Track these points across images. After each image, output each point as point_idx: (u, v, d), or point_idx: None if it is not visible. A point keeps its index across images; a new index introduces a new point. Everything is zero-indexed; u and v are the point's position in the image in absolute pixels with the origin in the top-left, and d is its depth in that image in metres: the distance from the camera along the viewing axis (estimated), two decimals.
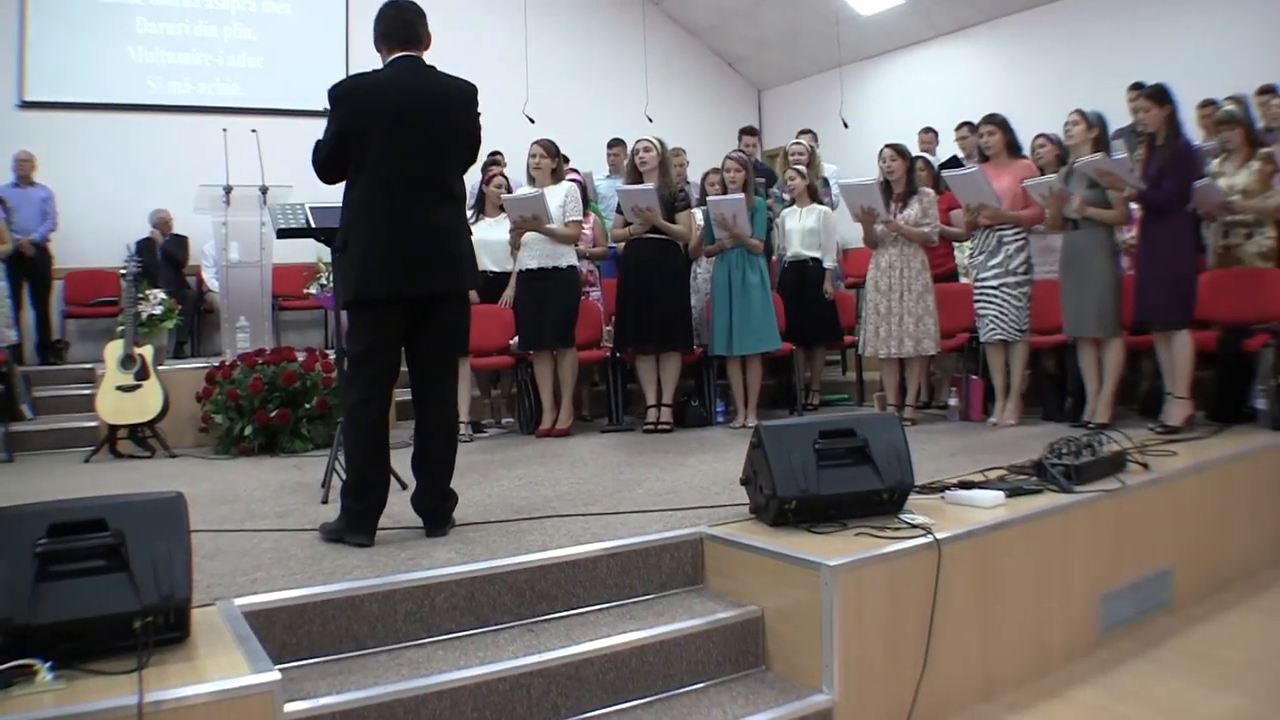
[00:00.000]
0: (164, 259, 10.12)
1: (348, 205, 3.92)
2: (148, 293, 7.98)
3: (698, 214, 7.37)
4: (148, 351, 6.98)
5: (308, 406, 6.91)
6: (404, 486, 4.38)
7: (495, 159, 8.96)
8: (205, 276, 10.26)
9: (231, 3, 11.35)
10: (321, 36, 11.53)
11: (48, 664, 2.37)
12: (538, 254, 6.89)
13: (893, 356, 6.86)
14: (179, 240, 10.33)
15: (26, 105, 10.21)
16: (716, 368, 7.55)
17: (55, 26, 10.32)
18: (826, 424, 3.86)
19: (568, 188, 7.01)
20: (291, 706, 2.66)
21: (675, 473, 5.26)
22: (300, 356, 7.19)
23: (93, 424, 7.08)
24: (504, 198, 7.12)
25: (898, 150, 6.92)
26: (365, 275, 3.82)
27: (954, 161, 8.62)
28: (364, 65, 4.13)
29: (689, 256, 7.31)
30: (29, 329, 9.57)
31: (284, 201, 5.46)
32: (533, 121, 10.63)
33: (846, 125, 11.73)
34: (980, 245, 6.72)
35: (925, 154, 9.12)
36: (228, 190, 7.98)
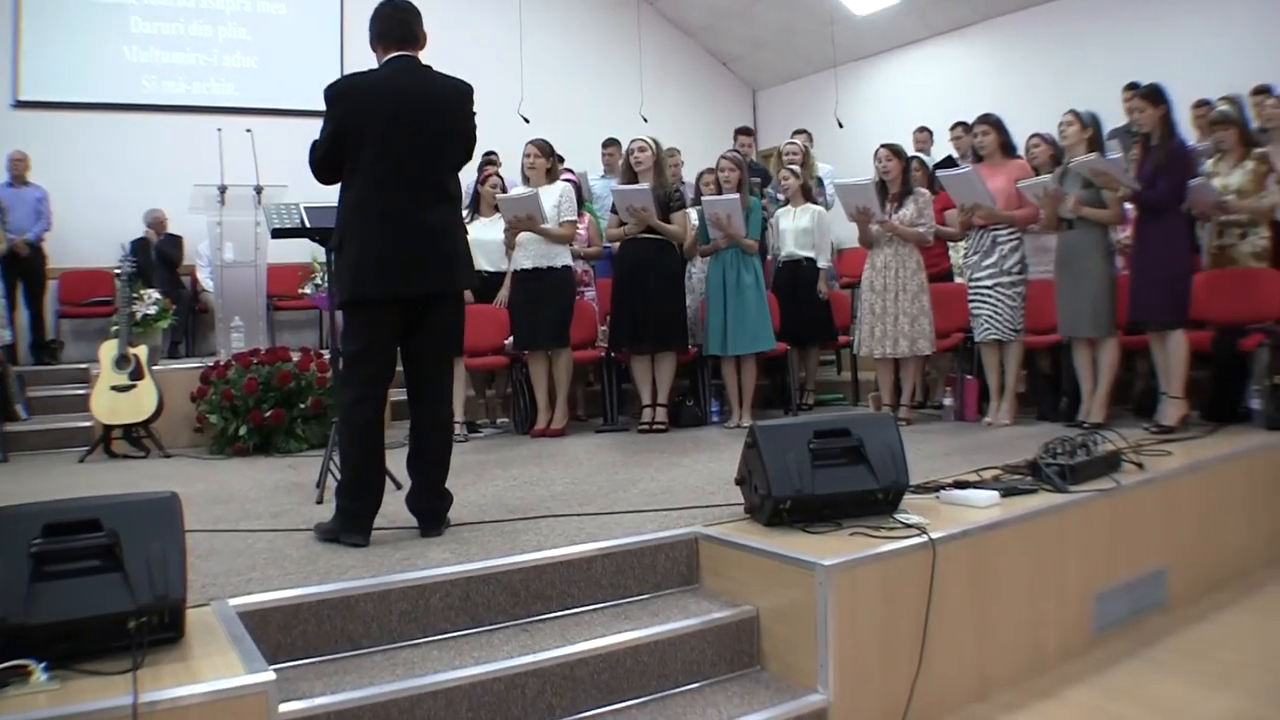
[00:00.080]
0: (158, 259, 10.11)
1: (343, 205, 3.91)
2: (142, 292, 7.97)
3: (693, 214, 7.37)
4: (142, 351, 6.97)
5: (302, 406, 6.90)
6: (399, 486, 4.38)
7: (490, 159, 8.96)
8: (200, 276, 10.26)
9: (226, 2, 11.34)
10: (316, 36, 11.52)
11: (42, 664, 2.37)
12: (533, 254, 6.89)
13: (888, 356, 6.86)
14: (173, 240, 10.32)
15: (21, 105, 10.20)
16: (711, 367, 7.55)
17: (50, 26, 10.30)
18: (821, 424, 3.86)
19: (562, 188, 7.01)
20: (286, 707, 2.66)
21: (670, 473, 5.26)
22: (295, 356, 7.17)
23: (87, 424, 7.07)
24: (499, 198, 7.12)
25: (893, 150, 6.93)
26: (361, 275, 3.82)
27: (949, 161, 8.63)
28: (359, 65, 4.12)
29: (684, 256, 7.31)
30: (23, 329, 9.57)
31: (279, 201, 5.46)
32: (527, 121, 10.62)
33: (841, 125, 11.73)
34: (975, 245, 6.72)
35: (920, 154, 9.12)
36: (222, 190, 7.96)
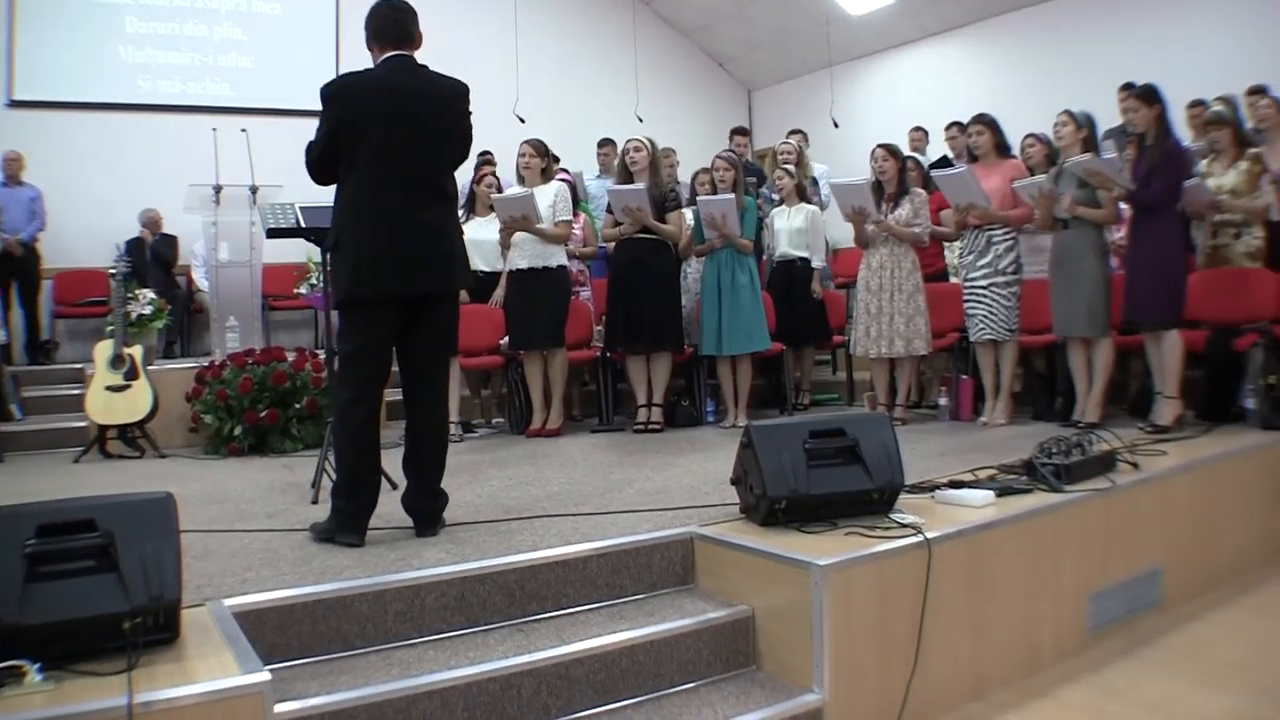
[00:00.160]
0: (153, 259, 10.09)
1: (340, 205, 3.90)
2: (137, 292, 7.95)
3: (688, 214, 7.36)
4: (137, 351, 6.96)
5: (298, 406, 6.91)
6: (394, 486, 4.37)
7: (486, 158, 8.95)
8: (195, 276, 10.24)
9: (221, 2, 11.32)
10: (312, 36, 11.51)
11: (37, 665, 2.37)
12: (528, 254, 6.88)
13: (883, 356, 6.86)
14: (168, 240, 10.31)
15: (15, 104, 10.18)
16: (707, 367, 7.56)
17: (45, 25, 10.29)
18: (817, 424, 3.86)
19: (557, 187, 7.01)
20: (281, 707, 2.65)
21: (665, 473, 5.26)
22: (290, 356, 7.17)
23: (82, 424, 7.07)
24: (494, 198, 7.12)
25: (890, 150, 6.93)
26: (358, 275, 3.81)
27: (944, 161, 8.63)
28: (354, 64, 4.12)
29: (679, 256, 7.31)
30: (18, 329, 9.56)
31: (274, 201, 5.46)
32: (523, 121, 10.62)
33: (837, 125, 11.72)
34: (969, 245, 6.73)
35: (915, 154, 9.13)
36: (217, 190, 7.95)
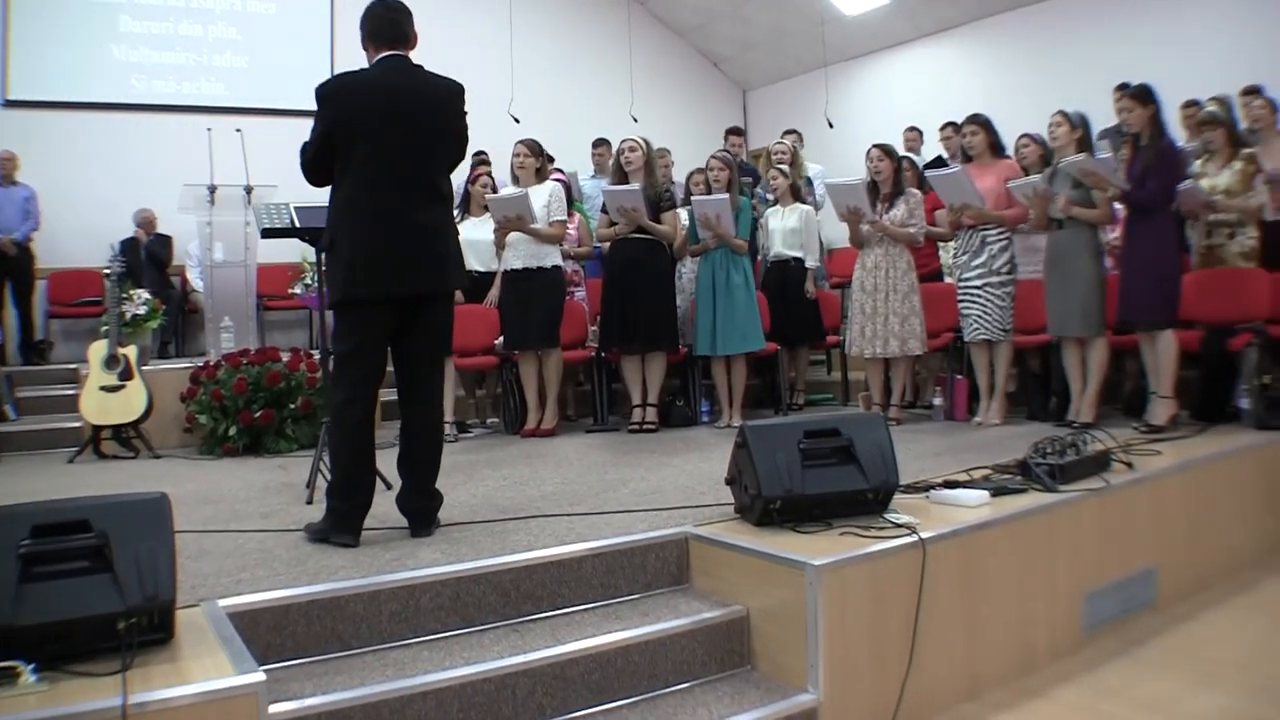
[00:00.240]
0: (148, 259, 10.08)
1: (335, 205, 3.90)
2: (132, 292, 7.95)
3: (683, 214, 7.37)
4: (132, 352, 6.95)
5: (292, 407, 6.89)
6: (389, 487, 4.37)
7: (481, 158, 8.95)
8: (189, 276, 10.22)
9: (216, 2, 11.30)
10: (306, 36, 11.50)
11: (31, 666, 2.36)
12: (522, 254, 6.88)
13: (878, 356, 6.86)
14: (163, 240, 10.29)
15: (9, 104, 10.14)
16: (701, 367, 7.55)
17: (39, 25, 10.27)
18: (811, 424, 3.86)
19: (552, 187, 7.00)
20: (276, 707, 2.65)
21: (660, 473, 5.26)
22: (285, 357, 7.16)
23: (77, 424, 7.05)
24: (488, 198, 7.11)
25: (885, 150, 6.93)
26: (354, 275, 3.81)
27: (939, 161, 8.64)
28: (349, 64, 4.12)
29: (674, 256, 7.31)
30: (12, 329, 9.55)
31: (268, 201, 5.45)
32: (518, 121, 10.62)
33: (832, 125, 11.75)
34: (964, 245, 6.73)
35: (910, 154, 9.14)
36: (212, 190, 7.94)
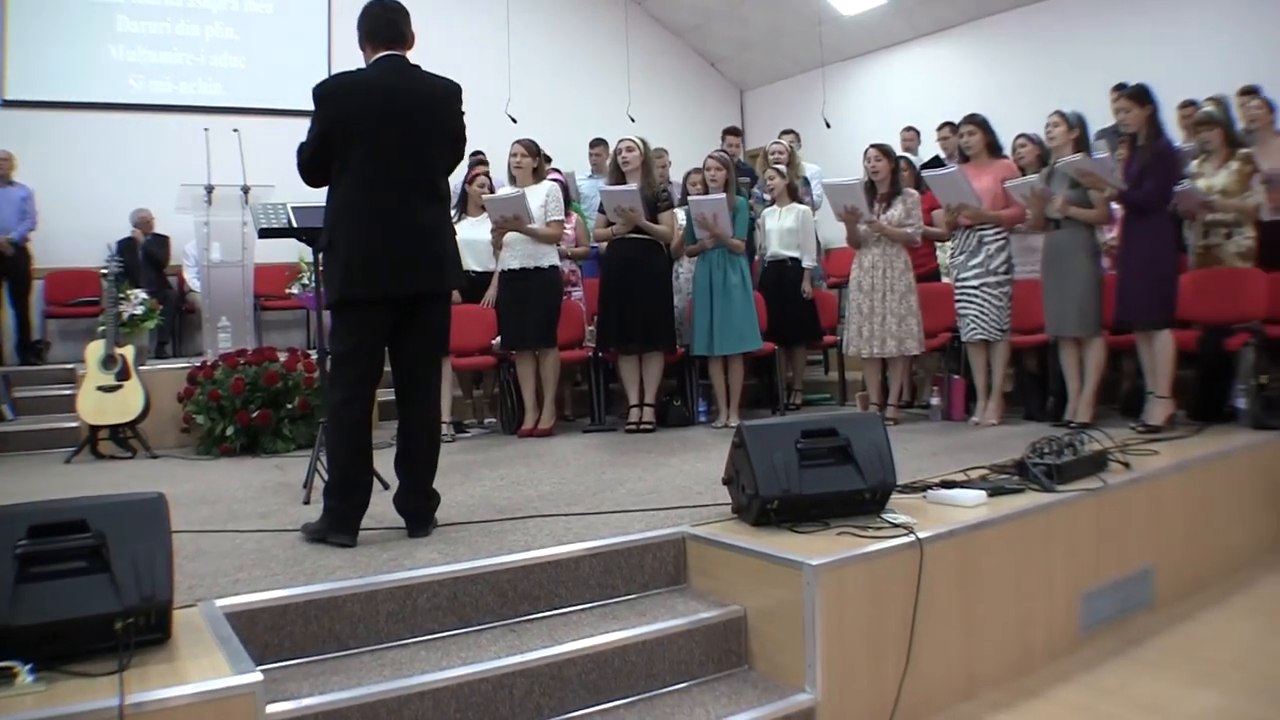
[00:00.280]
0: (145, 259, 10.07)
1: (332, 205, 3.89)
2: (129, 292, 7.94)
3: (680, 214, 7.37)
4: (129, 352, 6.94)
5: (290, 407, 6.89)
6: (386, 487, 4.37)
7: (479, 158, 8.94)
8: (187, 276, 10.21)
9: (213, 2, 11.30)
10: (304, 36, 11.49)
11: (28, 666, 2.36)
12: (519, 254, 6.88)
13: (876, 356, 6.87)
14: (160, 240, 10.29)
15: (7, 104, 10.13)
16: (699, 367, 7.55)
17: (36, 25, 10.26)
18: (809, 424, 3.86)
19: (549, 187, 7.00)
20: (274, 708, 2.65)
21: (657, 473, 5.26)
22: (282, 357, 7.15)
23: (74, 425, 7.03)
24: (485, 198, 7.10)
25: (883, 150, 6.93)
26: (352, 275, 3.80)
27: (936, 161, 8.64)
28: (346, 64, 4.12)
29: (671, 256, 7.31)
30: (9, 329, 9.56)
31: (266, 201, 5.44)
32: (515, 121, 10.61)
33: (829, 125, 11.75)
34: (961, 245, 6.74)
35: (907, 154, 9.15)
36: (209, 190, 7.92)
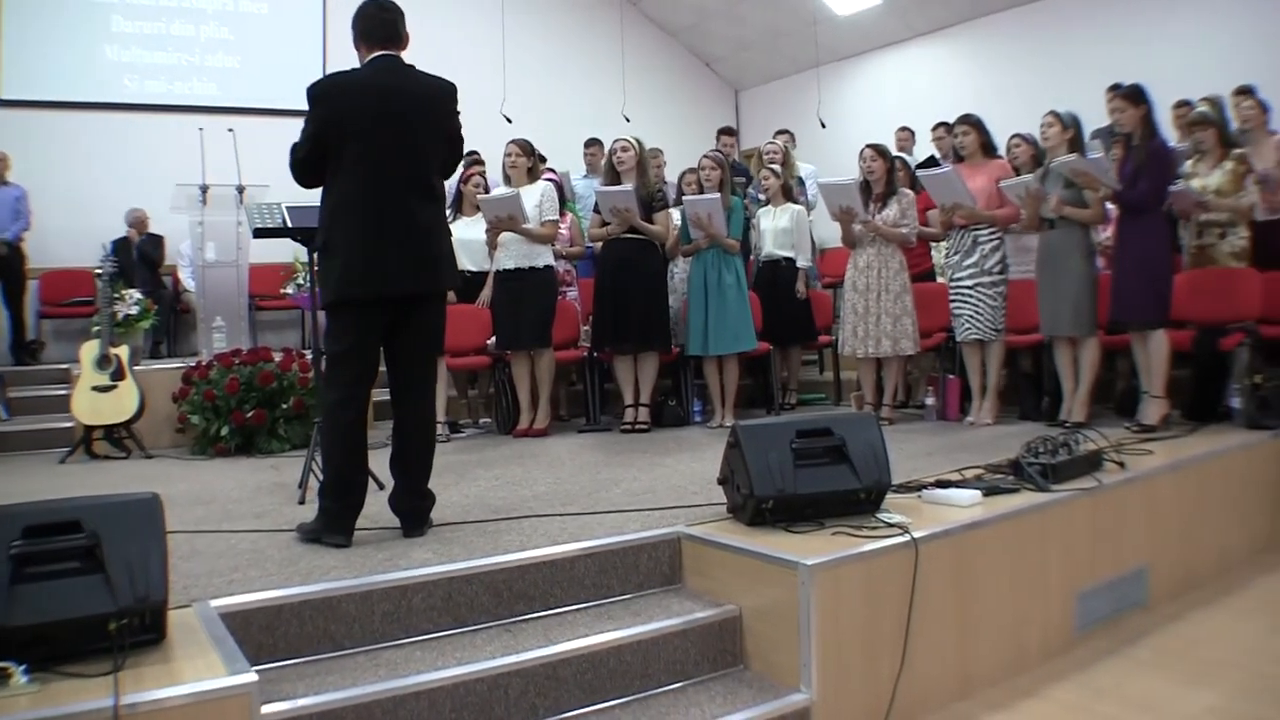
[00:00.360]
0: (140, 258, 10.05)
1: (327, 205, 3.89)
2: (123, 292, 7.93)
3: (675, 214, 7.36)
4: (123, 352, 6.93)
5: (285, 407, 6.88)
6: (381, 487, 4.37)
7: (474, 158, 8.93)
8: (181, 276, 10.20)
9: (208, 2, 11.28)
10: (299, 36, 11.47)
11: (22, 667, 2.36)
12: (514, 254, 6.88)
13: (871, 356, 6.87)
14: (155, 240, 10.26)
15: (1, 104, 10.11)
16: (694, 367, 7.55)
17: (30, 25, 10.24)
18: (804, 423, 3.86)
19: (544, 187, 7.00)
20: (269, 708, 2.65)
21: (653, 472, 5.26)
22: (277, 357, 7.15)
23: (68, 425, 7.03)
24: (480, 198, 7.10)
25: (878, 150, 6.93)
26: (348, 276, 3.80)
27: (931, 161, 8.65)
28: (342, 64, 4.11)
29: (666, 256, 7.30)
30: (3, 329, 9.54)
31: (261, 201, 5.44)
32: (510, 121, 10.59)
33: (824, 125, 11.73)
34: (956, 245, 6.74)
35: (902, 154, 9.14)
36: (204, 190, 7.92)
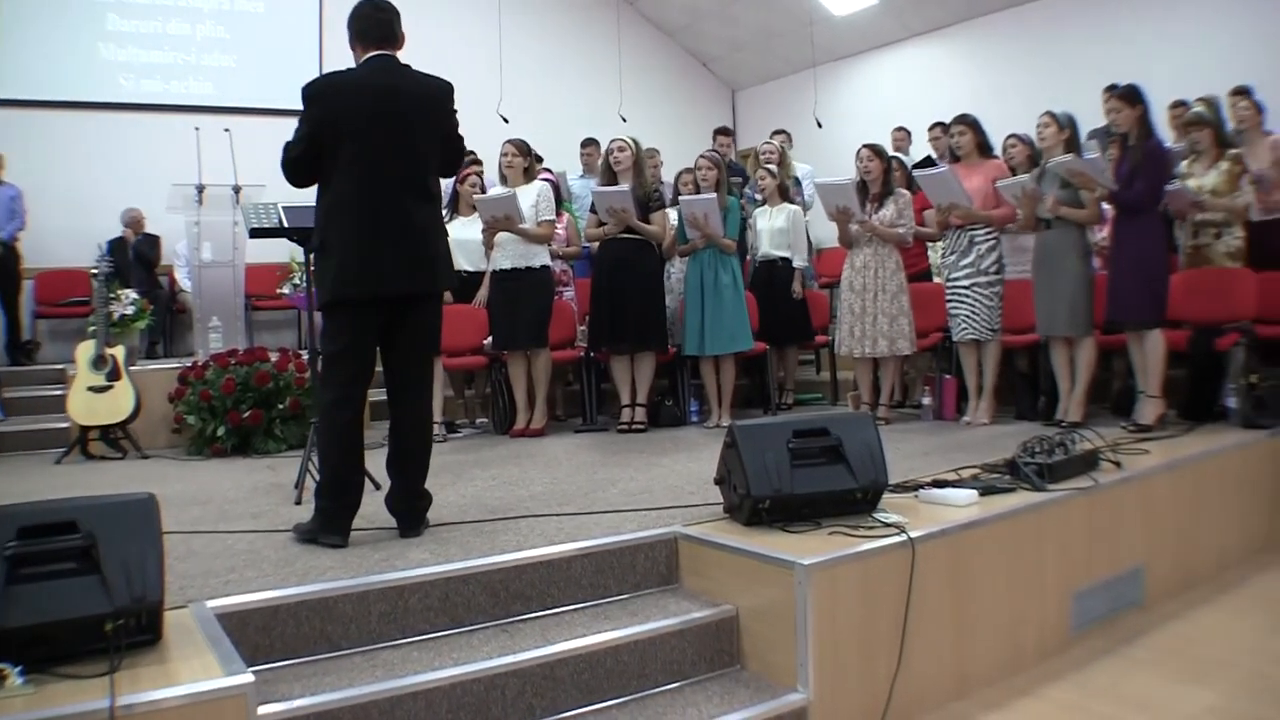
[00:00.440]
0: (136, 258, 10.03)
1: (323, 205, 3.88)
2: (119, 292, 7.90)
3: (671, 214, 7.36)
4: (119, 352, 6.93)
5: (281, 407, 6.88)
6: (378, 487, 4.37)
7: (471, 158, 8.90)
8: (177, 276, 10.19)
9: (205, 1, 11.26)
10: (295, 35, 11.46)
11: (18, 668, 2.35)
12: (511, 254, 6.87)
13: (867, 356, 6.87)
14: (151, 240, 10.25)
15: None
16: (690, 367, 7.55)
17: (25, 23, 10.21)
18: (800, 423, 3.86)
19: (540, 187, 6.99)
20: (265, 709, 2.65)
21: (649, 472, 5.26)
22: (273, 357, 7.14)
23: (64, 425, 7.02)
24: (476, 198, 7.10)
25: (875, 150, 6.93)
26: (344, 276, 3.80)
27: (928, 161, 8.65)
28: (338, 64, 4.11)
29: (663, 256, 7.30)
30: None
31: (257, 201, 5.44)
32: (506, 121, 10.58)
33: (820, 125, 11.74)
34: (952, 245, 6.75)
35: (898, 154, 9.15)
36: (200, 189, 7.91)
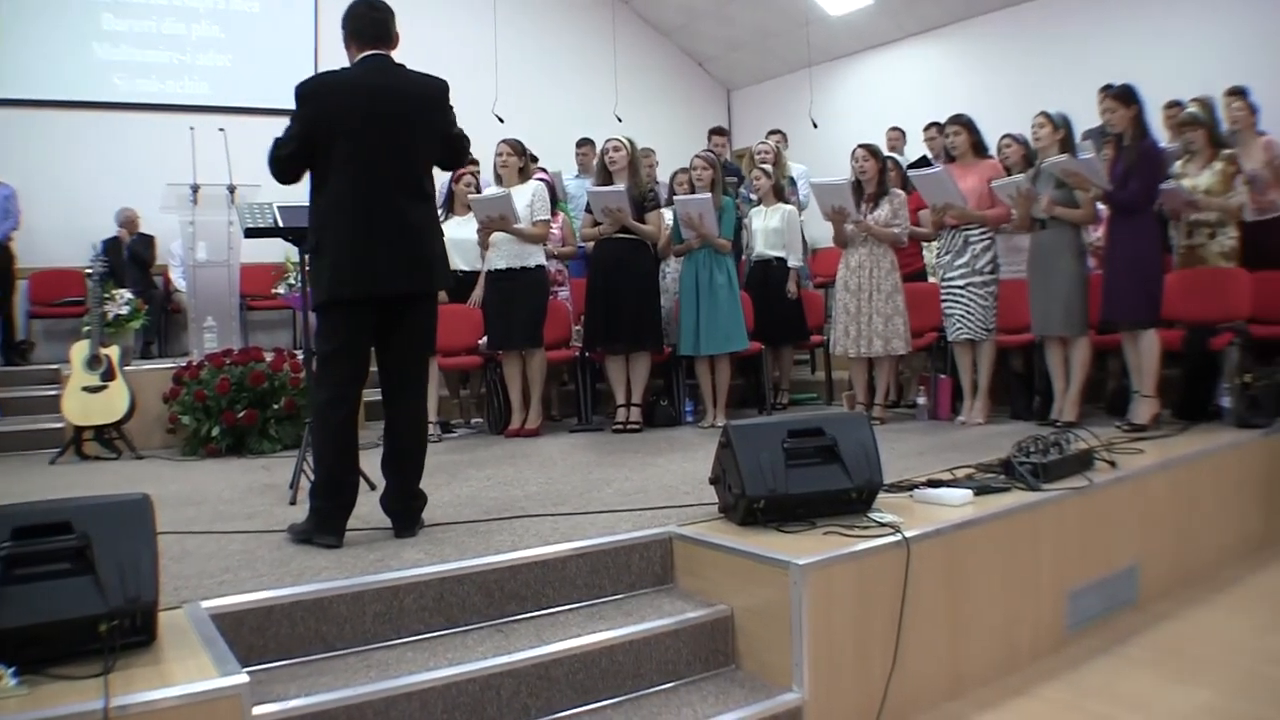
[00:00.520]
0: (130, 258, 10.03)
1: (318, 205, 3.88)
2: (114, 292, 7.91)
3: (667, 214, 7.36)
4: (114, 352, 6.91)
5: (276, 407, 6.87)
6: (373, 487, 4.37)
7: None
8: (172, 276, 10.18)
9: (200, 0, 11.25)
10: (290, 35, 11.44)
11: (11, 669, 2.35)
12: (506, 254, 6.87)
13: (862, 356, 6.87)
14: (145, 239, 10.25)
15: None
16: (685, 367, 7.55)
17: (20, 22, 10.19)
18: (795, 423, 3.86)
19: (535, 187, 6.98)
20: (260, 709, 2.64)
21: (644, 472, 5.26)
22: (268, 357, 7.14)
23: (58, 425, 7.00)
24: (471, 198, 7.08)
25: (870, 150, 6.93)
26: (338, 276, 3.79)
27: (923, 161, 8.66)
28: (333, 63, 4.10)
29: (658, 256, 7.30)
30: None
31: (252, 201, 5.43)
32: (501, 120, 10.58)
33: (816, 125, 11.76)
34: (947, 245, 6.75)
35: (893, 154, 9.16)
36: (195, 189, 7.89)
